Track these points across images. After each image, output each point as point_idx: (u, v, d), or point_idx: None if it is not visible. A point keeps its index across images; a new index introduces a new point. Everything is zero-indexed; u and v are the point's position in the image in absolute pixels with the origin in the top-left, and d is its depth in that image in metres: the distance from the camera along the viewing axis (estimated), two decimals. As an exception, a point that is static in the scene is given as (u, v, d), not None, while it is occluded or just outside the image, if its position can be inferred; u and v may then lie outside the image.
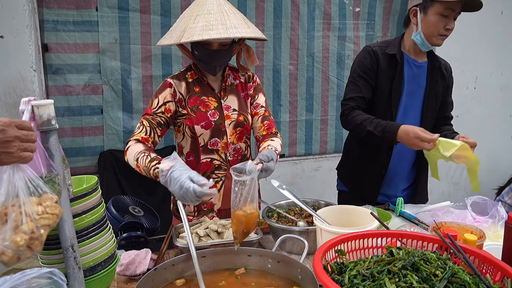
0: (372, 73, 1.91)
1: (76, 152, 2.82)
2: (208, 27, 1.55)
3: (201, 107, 1.72)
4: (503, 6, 3.53)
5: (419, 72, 1.95)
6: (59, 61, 2.71)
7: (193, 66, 1.79)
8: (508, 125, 3.77)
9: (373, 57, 1.91)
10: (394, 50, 1.90)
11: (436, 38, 1.83)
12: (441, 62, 2.00)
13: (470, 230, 1.34)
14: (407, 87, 1.92)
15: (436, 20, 1.78)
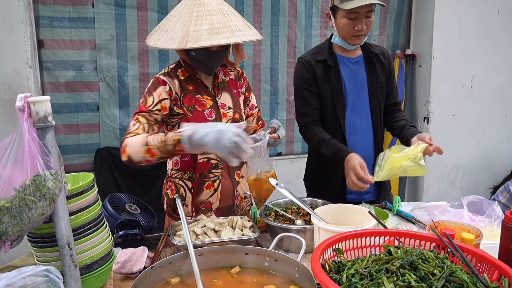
0: (313, 82, 1.93)
1: (72, 149, 2.81)
2: (214, 31, 1.50)
3: (197, 107, 1.68)
4: (499, 5, 3.53)
5: (357, 68, 1.95)
6: (55, 57, 2.69)
7: (182, 63, 1.72)
8: (504, 125, 3.78)
9: (308, 67, 1.94)
10: (324, 55, 1.92)
11: (350, 39, 1.85)
12: (376, 51, 1.98)
13: (467, 229, 1.34)
14: (348, 86, 1.94)
15: (344, 23, 1.81)
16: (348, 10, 1.75)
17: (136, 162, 1.49)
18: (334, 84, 1.92)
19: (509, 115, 3.81)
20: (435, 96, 3.54)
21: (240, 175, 1.84)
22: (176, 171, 1.77)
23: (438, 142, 3.68)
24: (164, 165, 2.90)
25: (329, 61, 1.91)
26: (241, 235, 1.50)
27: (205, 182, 1.74)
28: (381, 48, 2.05)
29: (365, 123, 2.00)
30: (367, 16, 1.80)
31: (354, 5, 1.72)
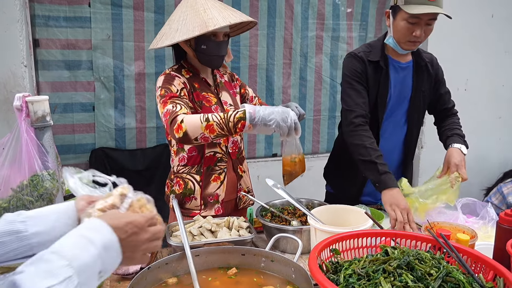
0: (363, 77, 1.87)
1: (67, 149, 2.79)
2: (225, 14, 1.64)
3: (204, 102, 1.76)
4: (493, 9, 3.57)
5: (405, 74, 1.92)
6: (51, 57, 2.68)
7: (185, 64, 1.80)
8: (497, 127, 3.82)
9: (361, 62, 1.87)
10: (377, 56, 1.85)
11: (405, 43, 1.79)
12: (426, 59, 1.94)
13: (462, 230, 1.36)
14: (394, 91, 1.90)
15: (403, 26, 1.73)
16: (410, 14, 1.67)
17: (192, 138, 1.50)
18: (382, 87, 1.86)
19: (503, 117, 3.85)
20: (429, 99, 3.56)
21: (242, 169, 1.93)
22: (183, 167, 1.82)
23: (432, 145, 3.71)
24: (160, 166, 2.91)
25: (381, 63, 1.85)
26: (238, 235, 1.51)
27: (212, 175, 1.81)
28: (430, 56, 2.01)
29: (399, 130, 1.98)
30: (428, 23, 1.73)
31: (419, 11, 1.65)
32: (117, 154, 2.86)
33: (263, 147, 3.36)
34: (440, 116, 2.08)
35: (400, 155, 2.05)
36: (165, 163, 2.94)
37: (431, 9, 1.65)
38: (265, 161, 3.31)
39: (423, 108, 2.00)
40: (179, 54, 1.82)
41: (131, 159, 2.85)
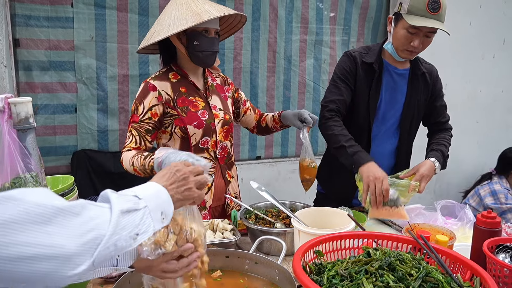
0: (351, 77, 1.89)
1: (48, 151, 2.74)
2: (216, 8, 1.66)
3: (190, 107, 1.73)
4: (471, 18, 3.68)
5: (400, 80, 1.91)
6: (31, 57, 2.63)
7: (173, 67, 1.78)
8: (475, 131, 3.92)
9: (353, 62, 1.89)
10: (372, 59, 1.87)
11: (402, 52, 1.80)
12: (424, 69, 1.94)
13: (441, 231, 1.39)
14: (385, 95, 1.91)
15: (402, 34, 1.75)
16: (410, 25, 1.69)
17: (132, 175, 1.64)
18: (373, 90, 1.88)
19: (480, 122, 3.95)
20: (410, 103, 3.63)
21: (231, 175, 1.91)
22: None
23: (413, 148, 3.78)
24: (143, 168, 2.89)
25: (375, 66, 1.86)
26: (222, 238, 1.51)
27: None
28: (431, 67, 2.01)
29: (391, 136, 1.99)
30: (427, 35, 1.75)
31: (419, 23, 1.67)
32: (100, 156, 2.82)
33: (247, 150, 3.37)
34: (433, 129, 2.07)
35: (391, 163, 2.05)
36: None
37: (432, 23, 1.67)
38: (248, 164, 3.32)
39: (417, 117, 1.99)
40: (168, 57, 1.79)
41: (114, 161, 2.82)
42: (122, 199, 0.74)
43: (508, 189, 3.16)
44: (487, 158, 3.96)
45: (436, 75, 2.02)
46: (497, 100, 3.96)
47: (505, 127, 4.09)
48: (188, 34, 1.66)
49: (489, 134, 3.97)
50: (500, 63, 3.87)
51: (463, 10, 3.62)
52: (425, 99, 1.97)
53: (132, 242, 0.73)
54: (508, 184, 3.20)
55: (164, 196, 0.83)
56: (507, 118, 4.08)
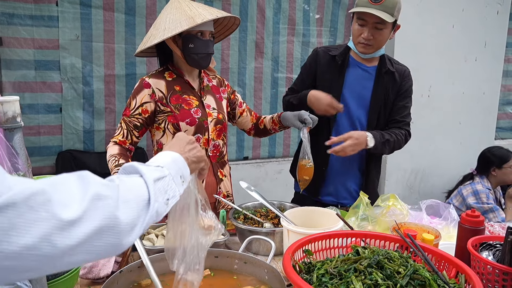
0: (310, 72, 2.02)
1: (32, 151, 2.70)
2: (209, 11, 1.69)
3: (184, 105, 1.77)
4: (454, 21, 3.75)
5: (366, 76, 1.96)
6: (15, 56, 2.58)
7: (170, 67, 1.82)
8: (458, 132, 4.00)
9: (314, 57, 2.01)
10: (337, 52, 1.97)
11: (357, 46, 1.89)
12: (393, 69, 1.97)
13: (427, 230, 1.42)
14: (350, 89, 1.96)
15: (355, 28, 1.87)
16: (357, 15, 1.81)
17: None
18: (335, 81, 1.94)
19: (463, 123, 4.03)
20: (395, 104, 3.69)
21: (223, 173, 1.93)
22: None
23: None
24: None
25: (337, 58, 1.95)
26: (211, 238, 1.51)
27: None
28: (402, 67, 2.03)
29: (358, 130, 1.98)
30: (376, 27, 1.80)
31: (361, 9, 1.77)
32: (86, 157, 2.79)
33: (234, 150, 3.37)
34: (389, 126, 2.03)
35: (360, 158, 2.03)
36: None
37: (372, 11, 1.74)
38: (236, 164, 3.32)
39: (384, 114, 1.99)
40: (164, 58, 1.84)
41: (100, 162, 2.79)
42: (151, 169, 0.78)
43: (489, 188, 3.23)
44: (470, 159, 4.04)
45: (407, 76, 2.02)
46: (479, 102, 4.05)
47: (487, 128, 4.18)
48: (183, 37, 1.70)
49: (472, 135, 4.06)
50: (482, 66, 3.96)
51: (446, 13, 3.70)
52: (393, 96, 1.99)
53: (166, 208, 0.78)
54: (490, 183, 3.28)
55: (180, 161, 0.89)
56: (488, 119, 4.17)
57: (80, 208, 0.58)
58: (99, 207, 0.61)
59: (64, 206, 0.57)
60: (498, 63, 4.05)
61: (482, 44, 3.94)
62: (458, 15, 3.77)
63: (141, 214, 0.69)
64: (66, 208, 0.57)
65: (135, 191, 0.70)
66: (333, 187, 2.03)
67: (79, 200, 0.59)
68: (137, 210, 0.68)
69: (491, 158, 3.27)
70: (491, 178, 3.29)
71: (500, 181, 3.30)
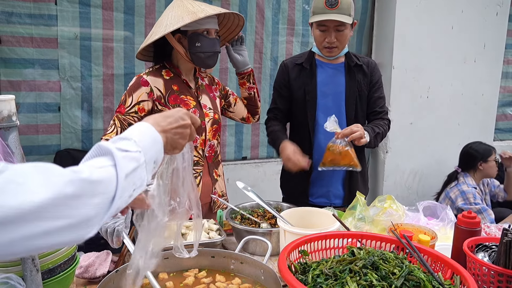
0: (283, 85, 2.07)
1: (30, 150, 2.70)
2: (214, 8, 1.69)
3: (182, 106, 1.75)
4: (453, 22, 3.75)
5: (336, 73, 2.02)
6: (13, 54, 2.58)
7: (167, 65, 1.80)
8: (456, 133, 4.00)
9: (284, 70, 2.07)
10: (303, 59, 2.04)
11: (323, 50, 1.95)
12: (360, 62, 2.03)
13: (423, 231, 1.42)
14: (324, 88, 2.01)
15: (316, 34, 1.92)
16: (317, 22, 1.85)
17: None
18: (308, 85, 2.00)
19: (461, 124, 4.03)
20: (394, 105, 3.69)
21: (217, 173, 1.94)
22: None
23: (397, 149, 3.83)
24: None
25: (304, 64, 2.01)
26: (208, 238, 1.51)
27: None
28: (367, 59, 2.09)
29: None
30: (337, 29, 1.86)
31: (318, 19, 1.83)
32: (83, 155, 2.77)
33: (233, 151, 3.37)
34: (370, 119, 2.11)
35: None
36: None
37: (331, 16, 1.81)
38: (234, 164, 3.32)
39: (361, 107, 2.05)
40: (161, 54, 1.80)
41: (98, 161, 2.79)
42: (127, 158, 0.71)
43: (475, 186, 3.23)
44: (468, 160, 4.04)
45: (374, 66, 2.10)
46: (478, 103, 4.05)
47: (486, 130, 4.18)
48: (189, 36, 1.69)
49: (471, 136, 4.05)
50: (481, 67, 3.96)
51: (445, 14, 3.70)
52: (366, 90, 2.06)
53: (128, 200, 0.72)
54: (474, 180, 3.28)
55: (159, 145, 0.81)
56: (487, 120, 4.18)
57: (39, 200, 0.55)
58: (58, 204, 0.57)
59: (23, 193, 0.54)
60: (497, 64, 4.05)
61: (481, 45, 3.94)
62: (458, 16, 3.77)
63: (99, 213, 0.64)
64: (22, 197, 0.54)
65: (101, 189, 0.64)
66: (321, 189, 2.06)
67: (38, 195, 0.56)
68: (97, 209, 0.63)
69: (475, 154, 3.28)
70: (477, 174, 3.29)
71: (485, 175, 3.31)
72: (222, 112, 2.05)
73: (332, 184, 2.06)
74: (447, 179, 3.43)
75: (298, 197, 2.04)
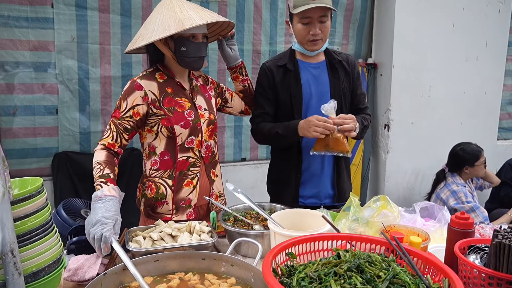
0: (269, 88, 1.99)
1: (28, 153, 2.71)
2: (201, 14, 1.66)
3: (177, 108, 1.75)
4: (454, 20, 3.72)
5: (319, 72, 1.99)
6: (10, 58, 2.59)
7: (160, 67, 1.79)
8: (459, 132, 3.95)
9: (267, 73, 1.99)
10: (285, 61, 1.98)
11: (306, 44, 1.90)
12: (339, 57, 2.02)
13: (417, 233, 1.39)
14: (309, 90, 1.97)
15: (299, 28, 1.86)
16: (300, 15, 1.81)
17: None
18: (293, 88, 1.96)
19: (464, 123, 3.99)
20: (395, 104, 3.66)
21: (215, 173, 1.93)
22: (156, 171, 1.81)
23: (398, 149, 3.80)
24: (126, 169, 2.86)
25: (288, 66, 1.96)
26: (199, 240, 1.50)
27: (184, 179, 1.80)
28: (346, 55, 2.07)
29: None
30: (321, 21, 1.84)
31: (304, 7, 1.78)
32: (82, 158, 2.79)
33: (232, 152, 3.36)
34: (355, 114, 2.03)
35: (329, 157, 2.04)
36: (132, 166, 2.90)
37: (316, 4, 1.77)
38: (233, 166, 3.31)
39: (345, 105, 2.03)
40: (155, 58, 1.80)
41: (95, 164, 2.79)
42: None
43: (464, 185, 3.20)
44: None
45: (353, 62, 2.08)
46: (481, 102, 4.01)
47: (489, 129, 4.13)
48: (175, 39, 1.68)
49: (474, 135, 4.01)
50: (483, 65, 3.92)
51: (446, 12, 3.67)
52: (349, 86, 2.04)
53: None
54: (462, 179, 3.25)
55: None
56: (490, 119, 4.13)
57: None
58: None
59: None
60: (500, 62, 4.01)
61: (483, 43, 3.90)
62: (459, 14, 3.73)
63: None
64: None
65: None
66: (311, 191, 2.03)
67: None
68: None
69: (463, 157, 3.25)
70: (463, 175, 3.26)
71: (471, 176, 3.30)
72: (220, 109, 2.04)
73: (321, 184, 2.04)
74: (435, 178, 3.41)
75: (288, 201, 2.00)
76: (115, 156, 1.69)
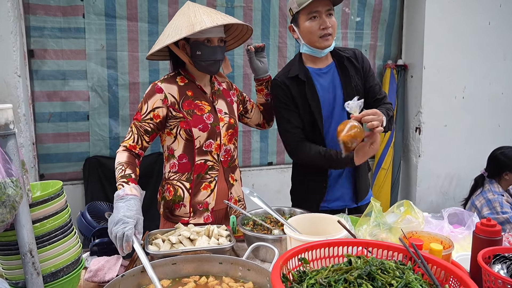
0: (290, 102, 1.90)
1: (60, 158, 2.82)
2: (213, 16, 1.67)
3: (196, 111, 1.77)
4: (490, 17, 3.56)
5: (330, 76, 1.93)
6: (45, 67, 2.72)
7: (182, 71, 1.83)
8: (497, 135, 3.77)
9: (283, 87, 1.90)
10: (296, 71, 1.88)
11: (318, 42, 1.82)
12: (347, 54, 1.95)
13: (439, 240, 1.33)
14: (324, 95, 1.91)
15: (308, 25, 1.79)
16: (308, 10, 1.76)
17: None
18: (311, 98, 1.89)
19: (502, 126, 3.80)
20: (426, 107, 3.54)
21: (234, 178, 1.93)
22: (174, 173, 1.84)
23: (430, 153, 3.67)
24: (153, 174, 2.92)
25: (300, 76, 1.87)
26: (217, 244, 1.50)
27: (202, 183, 1.82)
28: (352, 50, 2.01)
29: None
30: (329, 13, 1.79)
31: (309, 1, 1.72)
32: (111, 163, 2.85)
33: (258, 156, 3.35)
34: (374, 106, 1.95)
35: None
36: (158, 171, 2.96)
37: None
38: (259, 170, 3.30)
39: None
40: (177, 62, 1.85)
41: (124, 168, 2.86)
42: None
43: (501, 194, 2.99)
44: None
45: (361, 55, 2.00)
46: (520, 103, 3.81)
47: (530, 131, 3.91)
48: (191, 44, 1.72)
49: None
50: (522, 64, 3.72)
51: (482, 10, 3.51)
52: (361, 82, 1.96)
53: None
54: (500, 187, 3.05)
55: None
56: (531, 121, 3.91)
57: None
58: None
59: None
60: (541, 61, 3.79)
61: (522, 41, 3.70)
62: (495, 11, 3.56)
63: None
64: None
65: None
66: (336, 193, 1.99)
67: None
68: None
69: (503, 161, 3.03)
70: (502, 182, 3.06)
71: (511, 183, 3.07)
72: (239, 118, 2.04)
73: (344, 186, 2.01)
74: (473, 184, 3.23)
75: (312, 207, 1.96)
76: (136, 157, 1.73)
